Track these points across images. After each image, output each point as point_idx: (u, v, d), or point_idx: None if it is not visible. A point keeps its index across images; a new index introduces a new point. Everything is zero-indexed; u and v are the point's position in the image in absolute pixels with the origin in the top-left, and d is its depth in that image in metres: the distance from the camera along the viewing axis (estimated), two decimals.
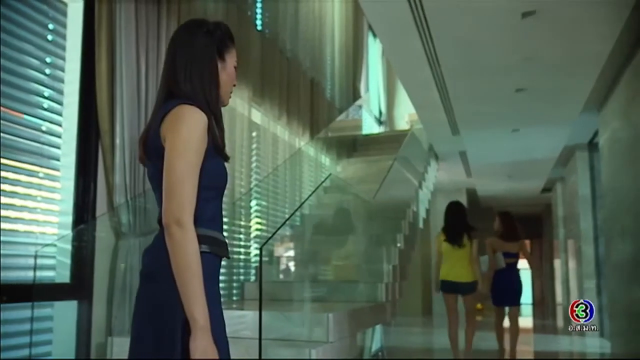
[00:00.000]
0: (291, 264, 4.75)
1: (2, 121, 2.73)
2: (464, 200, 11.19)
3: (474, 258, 4.85)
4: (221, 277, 4.23)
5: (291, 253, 5.00)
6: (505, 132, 7.01)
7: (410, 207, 5.75)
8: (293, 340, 2.62)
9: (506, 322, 5.68)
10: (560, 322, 10.38)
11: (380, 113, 11.54)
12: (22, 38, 2.88)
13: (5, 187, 2.66)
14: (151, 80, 3.40)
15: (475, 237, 4.94)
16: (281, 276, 4.68)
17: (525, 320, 10.60)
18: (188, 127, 1.17)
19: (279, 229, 3.85)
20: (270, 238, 3.99)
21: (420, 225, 6.69)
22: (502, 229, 5.61)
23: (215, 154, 1.24)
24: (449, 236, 4.90)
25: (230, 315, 2.97)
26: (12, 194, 2.71)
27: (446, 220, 5.12)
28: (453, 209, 5.10)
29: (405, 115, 11.78)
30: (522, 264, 5.79)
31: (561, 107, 6.02)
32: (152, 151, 1.23)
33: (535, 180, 10.86)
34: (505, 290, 5.34)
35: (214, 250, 1.21)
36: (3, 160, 2.68)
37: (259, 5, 5.69)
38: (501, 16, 3.94)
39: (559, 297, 13.04)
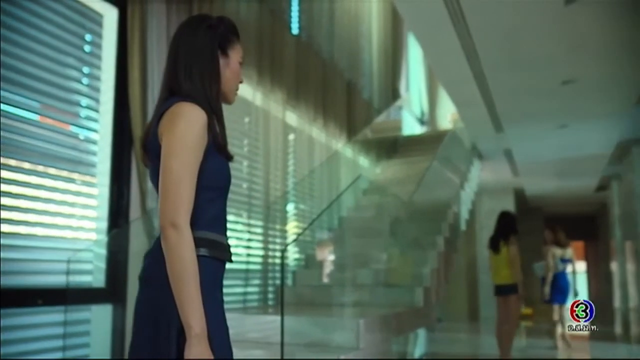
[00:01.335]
0: (328, 268, 4.68)
1: (46, 132, 2.83)
2: (511, 200, 10.79)
3: (511, 261, 4.89)
4: (255, 282, 4.27)
5: (328, 256, 4.93)
6: (553, 127, 6.68)
7: (451, 209, 5.57)
8: (323, 345, 2.55)
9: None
10: (618, 329, 9.77)
11: (422, 113, 11.32)
12: (61, 50, 2.97)
13: (42, 193, 2.74)
14: None
15: (513, 243, 4.96)
16: (326, 280, 4.62)
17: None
18: (185, 124, 1.12)
19: (301, 234, 3.80)
20: (292, 242, 3.94)
21: (463, 227, 6.47)
22: (553, 239, 6.82)
23: (217, 153, 1.19)
24: (489, 243, 5.24)
25: (261, 321, 2.95)
26: (49, 201, 2.79)
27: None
28: (498, 217, 5.34)
29: (448, 114, 11.50)
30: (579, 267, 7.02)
31: (613, 99, 5.66)
32: (151, 151, 1.20)
33: (587, 179, 10.31)
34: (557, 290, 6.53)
35: (215, 254, 1.16)
36: (41, 168, 2.76)
37: (294, 9, 5.68)
38: (542, 4, 3.74)
39: (617, 301, 12.31)
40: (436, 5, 3.71)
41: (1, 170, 2.48)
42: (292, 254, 5.06)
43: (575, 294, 7.05)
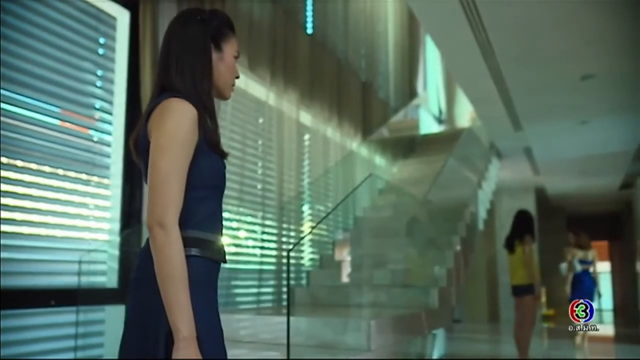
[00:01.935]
0: (342, 269, 4.64)
1: (66, 136, 2.87)
2: (532, 199, 10.59)
3: (527, 262, 4.79)
4: (270, 282, 4.25)
5: (342, 257, 4.90)
6: (574, 124, 6.51)
7: (468, 208, 5.47)
8: (333, 346, 2.52)
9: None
10: None
11: (440, 111, 11.20)
12: (76, 54, 3.01)
13: (59, 195, 2.77)
14: None
15: (528, 243, 4.85)
16: (346, 280, 4.58)
17: (606, 328, 9.81)
18: (174, 121, 1.09)
19: (307, 235, 3.77)
20: (297, 243, 3.92)
21: (480, 226, 6.36)
22: (575, 241, 7.10)
23: (209, 150, 1.16)
24: (504, 243, 5.18)
25: (274, 321, 2.93)
26: (66, 203, 2.82)
27: None
28: (514, 216, 5.27)
29: (467, 112, 11.35)
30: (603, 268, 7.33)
31: (636, 94, 5.49)
32: (142, 149, 1.17)
33: (611, 176, 10.04)
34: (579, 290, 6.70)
35: (207, 254, 1.12)
36: (53, 170, 2.80)
37: (309, 9, 5.67)
38: None
39: None
40: None
41: None
42: (308, 254, 5.04)
43: (599, 295, 7.10)
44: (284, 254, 4.45)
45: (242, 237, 4.24)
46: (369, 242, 4.62)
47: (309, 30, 5.57)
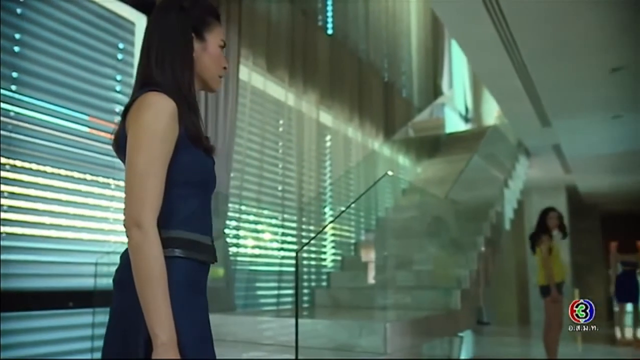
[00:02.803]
0: (364, 270, 4.58)
1: (86, 140, 2.92)
2: (563, 198, 10.27)
3: (544, 262, 4.59)
4: (290, 284, 4.23)
5: (364, 258, 4.83)
6: (605, 119, 6.26)
7: (494, 208, 5.33)
8: (349, 349, 2.47)
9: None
10: None
11: (467, 110, 11.01)
12: (96, 60, 3.06)
13: (76, 198, 2.81)
14: None
15: (544, 242, 4.65)
16: (372, 281, 4.51)
17: None
18: (150, 115, 1.03)
19: (315, 236, 3.73)
20: (306, 244, 3.87)
21: (507, 226, 6.19)
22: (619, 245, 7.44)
23: (192, 145, 1.09)
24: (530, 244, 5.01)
25: (290, 323, 2.89)
26: (83, 205, 2.86)
27: None
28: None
29: (495, 110, 11.11)
30: None
31: None
32: (122, 146, 1.09)
33: None
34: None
35: (191, 255, 1.07)
36: (74, 173, 2.84)
37: (329, 10, 5.64)
38: None
39: None
40: None
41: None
42: (329, 255, 5.00)
43: None
44: (305, 255, 4.42)
45: (262, 239, 4.23)
46: (391, 243, 4.54)
47: (330, 31, 5.54)
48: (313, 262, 4.64)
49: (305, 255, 4.44)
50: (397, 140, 6.80)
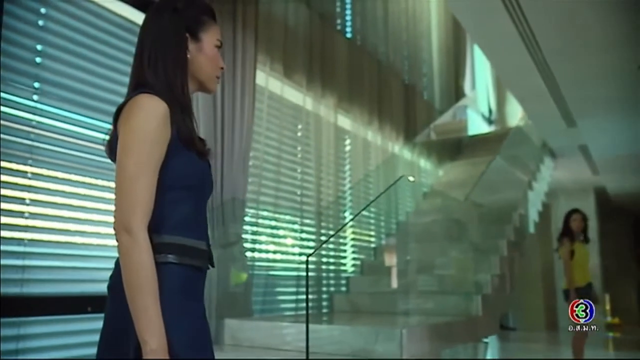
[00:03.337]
0: (384, 275, 4.53)
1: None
2: (591, 201, 9.99)
3: (564, 265, 4.44)
4: (309, 289, 4.19)
5: (384, 263, 4.78)
6: (633, 117, 6.06)
7: (517, 211, 5.20)
8: (365, 356, 2.43)
9: None
10: None
11: (490, 111, 10.82)
12: (115, 69, 3.11)
13: (97, 205, 2.85)
14: (227, 95, 3.46)
15: (563, 245, 4.51)
16: (395, 285, 4.45)
17: None
18: (141, 118, 1.02)
19: (328, 239, 3.68)
20: (317, 249, 3.83)
21: (531, 229, 6.04)
22: None
23: (185, 148, 1.07)
24: None
25: (303, 329, 2.87)
26: (105, 212, 2.90)
27: None
28: None
29: (519, 111, 10.91)
30: None
31: None
32: (115, 150, 1.08)
33: None
34: None
35: (184, 261, 1.04)
36: (97, 181, 2.89)
37: (348, 13, 5.62)
38: None
39: None
40: None
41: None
42: (350, 260, 4.96)
43: None
44: (323, 259, 4.39)
45: (280, 244, 4.22)
46: (412, 247, 4.49)
47: (348, 35, 5.52)
48: (332, 267, 4.60)
49: (324, 260, 4.41)
50: (418, 143, 6.73)
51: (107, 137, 1.16)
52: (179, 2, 1.16)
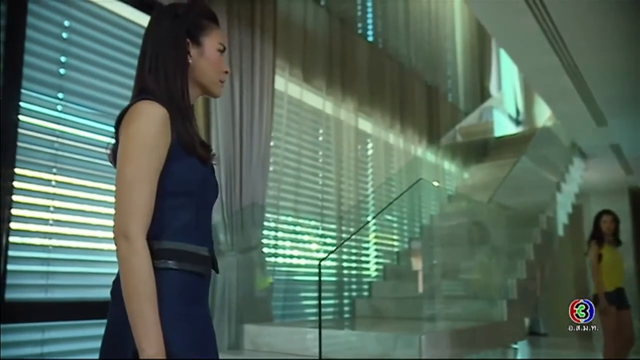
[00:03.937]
0: (405, 279, 4.47)
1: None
2: (625, 202, 9.66)
3: (592, 269, 4.28)
4: (330, 294, 4.17)
5: (408, 267, 4.72)
6: None
7: (545, 213, 5.06)
8: None
9: None
10: None
11: (518, 112, 10.60)
12: (133, 77, 3.16)
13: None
14: (245, 101, 3.48)
15: (591, 248, 4.36)
16: (419, 290, 4.39)
17: None
18: (140, 124, 1.03)
19: (341, 244, 3.65)
20: (331, 253, 3.80)
21: (560, 232, 5.86)
22: None
23: (185, 154, 1.07)
24: None
25: (328, 335, 2.85)
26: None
27: None
28: None
29: (547, 111, 10.66)
30: None
31: None
32: (117, 158, 1.09)
33: None
34: None
35: (184, 266, 1.04)
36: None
37: (369, 17, 5.60)
38: None
39: None
40: None
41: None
42: (372, 265, 4.92)
43: None
44: (344, 264, 4.36)
45: (300, 248, 4.22)
46: (435, 251, 4.41)
47: (370, 38, 5.50)
48: (354, 272, 4.57)
49: (345, 264, 4.38)
50: (442, 146, 6.63)
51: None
52: (179, 7, 1.17)
